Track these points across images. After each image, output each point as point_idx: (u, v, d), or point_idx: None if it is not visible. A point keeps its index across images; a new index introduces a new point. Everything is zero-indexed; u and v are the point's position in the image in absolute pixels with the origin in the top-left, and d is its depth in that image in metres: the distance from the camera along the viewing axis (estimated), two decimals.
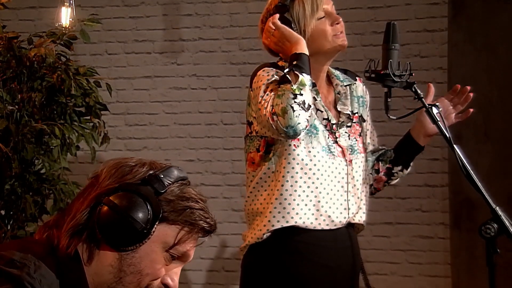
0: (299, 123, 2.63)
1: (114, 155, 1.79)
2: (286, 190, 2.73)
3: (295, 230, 2.72)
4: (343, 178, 2.77)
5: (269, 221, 2.72)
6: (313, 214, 2.72)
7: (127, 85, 4.87)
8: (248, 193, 2.83)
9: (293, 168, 2.73)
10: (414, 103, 2.57)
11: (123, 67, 4.89)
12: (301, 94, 2.63)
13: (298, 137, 2.70)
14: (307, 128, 2.67)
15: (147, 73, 4.88)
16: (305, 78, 2.66)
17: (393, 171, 2.97)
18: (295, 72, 2.65)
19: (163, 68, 4.85)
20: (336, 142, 2.78)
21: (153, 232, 1.67)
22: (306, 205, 2.72)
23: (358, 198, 2.81)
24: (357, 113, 2.86)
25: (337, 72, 2.89)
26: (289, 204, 2.72)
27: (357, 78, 2.90)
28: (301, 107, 2.63)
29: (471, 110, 2.82)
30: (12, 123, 3.62)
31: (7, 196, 3.66)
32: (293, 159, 2.74)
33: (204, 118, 4.79)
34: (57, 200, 3.70)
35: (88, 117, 3.88)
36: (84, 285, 1.69)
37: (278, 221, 2.71)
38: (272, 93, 2.67)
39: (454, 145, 2.46)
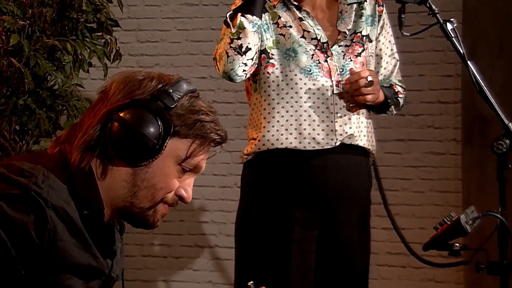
0: (232, 69, 2.67)
1: (126, 71, 1.79)
2: (265, 117, 2.74)
3: (280, 152, 2.73)
4: (327, 99, 2.74)
5: (255, 145, 2.76)
6: (295, 137, 2.72)
7: (138, 1, 4.82)
8: (248, 121, 2.87)
9: (269, 95, 2.75)
10: (429, 18, 2.54)
11: None
12: (239, 38, 2.65)
13: (274, 63, 2.72)
14: (247, 72, 2.69)
15: None
16: (246, 20, 2.66)
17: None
18: (239, 13, 2.67)
19: None
20: (326, 61, 2.75)
21: (165, 147, 1.69)
22: (287, 129, 2.72)
23: (350, 119, 2.76)
24: (360, 32, 2.81)
25: None
26: (269, 130, 2.73)
27: None
28: (237, 51, 2.65)
29: None
30: (24, 39, 3.61)
31: (21, 111, 3.68)
32: (269, 86, 2.75)
33: (216, 35, 4.74)
34: (70, 116, 3.72)
35: (100, 34, 3.87)
36: (97, 198, 1.71)
37: (263, 145, 2.74)
38: None
39: (468, 61, 2.44)
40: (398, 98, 2.92)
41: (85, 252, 1.69)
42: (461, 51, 2.46)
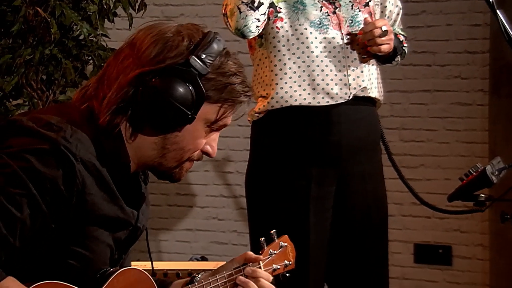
0: (245, 25, 2.62)
1: (151, 21, 1.77)
2: (276, 74, 2.69)
3: (294, 109, 2.68)
4: (339, 52, 2.69)
5: (268, 102, 2.70)
6: (309, 93, 2.67)
7: None
8: (253, 76, 2.80)
9: (279, 50, 2.69)
10: None
11: None
12: None
13: (282, 17, 2.66)
14: (260, 28, 2.63)
15: None
16: None
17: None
18: None
19: None
20: (334, 13, 2.69)
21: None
22: (300, 85, 2.67)
23: (363, 72, 2.72)
24: None
25: None
26: (282, 87, 2.68)
27: None
28: (249, 7, 2.59)
29: None
30: None
31: (47, 61, 3.69)
32: (278, 41, 2.69)
33: None
34: (96, 66, 3.72)
35: None
36: (123, 151, 1.72)
37: (277, 102, 2.69)
38: None
39: (497, 10, 2.40)
40: (403, 48, 2.87)
41: (113, 204, 1.71)
42: (490, 0, 2.43)
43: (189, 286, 1.83)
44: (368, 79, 2.74)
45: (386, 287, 2.87)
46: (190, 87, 1.67)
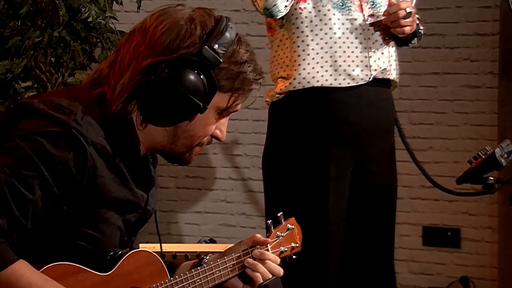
0: (274, 5, 2.62)
1: (160, 3, 1.77)
2: (299, 55, 2.70)
3: (315, 90, 2.70)
4: (360, 33, 2.70)
5: (290, 83, 2.71)
6: (331, 74, 2.68)
7: None
8: (270, 60, 2.82)
9: (302, 31, 2.70)
10: None
11: None
12: None
13: None
14: (288, 7, 2.63)
15: None
16: None
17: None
18: None
19: None
20: None
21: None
22: (322, 66, 2.68)
23: (383, 54, 2.74)
24: None
25: None
26: (305, 68, 2.69)
27: None
28: None
29: None
30: None
31: (56, 43, 3.69)
32: (301, 22, 2.70)
33: None
34: (104, 48, 3.73)
35: None
36: (134, 140, 1.73)
37: (299, 83, 2.70)
38: None
39: None
40: (420, 30, 2.88)
41: (123, 187, 1.72)
42: None
43: (198, 267, 1.84)
44: (388, 61, 2.76)
45: (392, 270, 2.89)
46: (203, 78, 1.67)
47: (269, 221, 2.00)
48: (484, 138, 4.31)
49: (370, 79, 2.72)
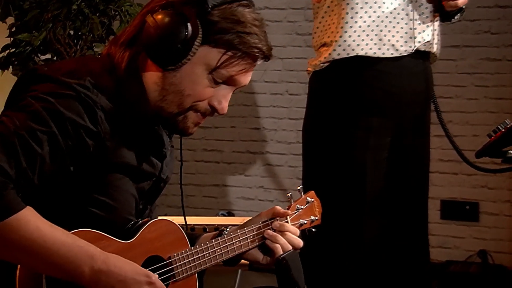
0: None
1: None
2: (347, 22, 2.71)
3: (359, 59, 2.71)
4: (408, 5, 2.73)
5: (334, 50, 2.72)
6: (375, 43, 2.70)
7: None
8: (315, 26, 2.83)
9: None
10: None
11: None
12: None
13: None
14: None
15: None
16: None
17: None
18: None
19: None
20: None
21: (194, 53, 1.68)
22: (368, 35, 2.70)
23: (428, 26, 2.76)
24: None
25: None
26: (351, 35, 2.70)
27: None
28: None
29: None
30: None
31: (74, 16, 3.69)
32: None
33: None
34: (123, 21, 3.73)
35: None
36: (145, 99, 1.73)
37: (343, 50, 2.71)
38: None
39: None
40: (463, 6, 2.88)
41: (135, 153, 1.72)
42: None
43: (218, 238, 1.84)
44: (432, 34, 2.78)
45: (426, 242, 2.98)
46: (185, 21, 1.67)
47: (289, 194, 2.01)
48: (504, 111, 4.28)
49: (413, 50, 2.75)
